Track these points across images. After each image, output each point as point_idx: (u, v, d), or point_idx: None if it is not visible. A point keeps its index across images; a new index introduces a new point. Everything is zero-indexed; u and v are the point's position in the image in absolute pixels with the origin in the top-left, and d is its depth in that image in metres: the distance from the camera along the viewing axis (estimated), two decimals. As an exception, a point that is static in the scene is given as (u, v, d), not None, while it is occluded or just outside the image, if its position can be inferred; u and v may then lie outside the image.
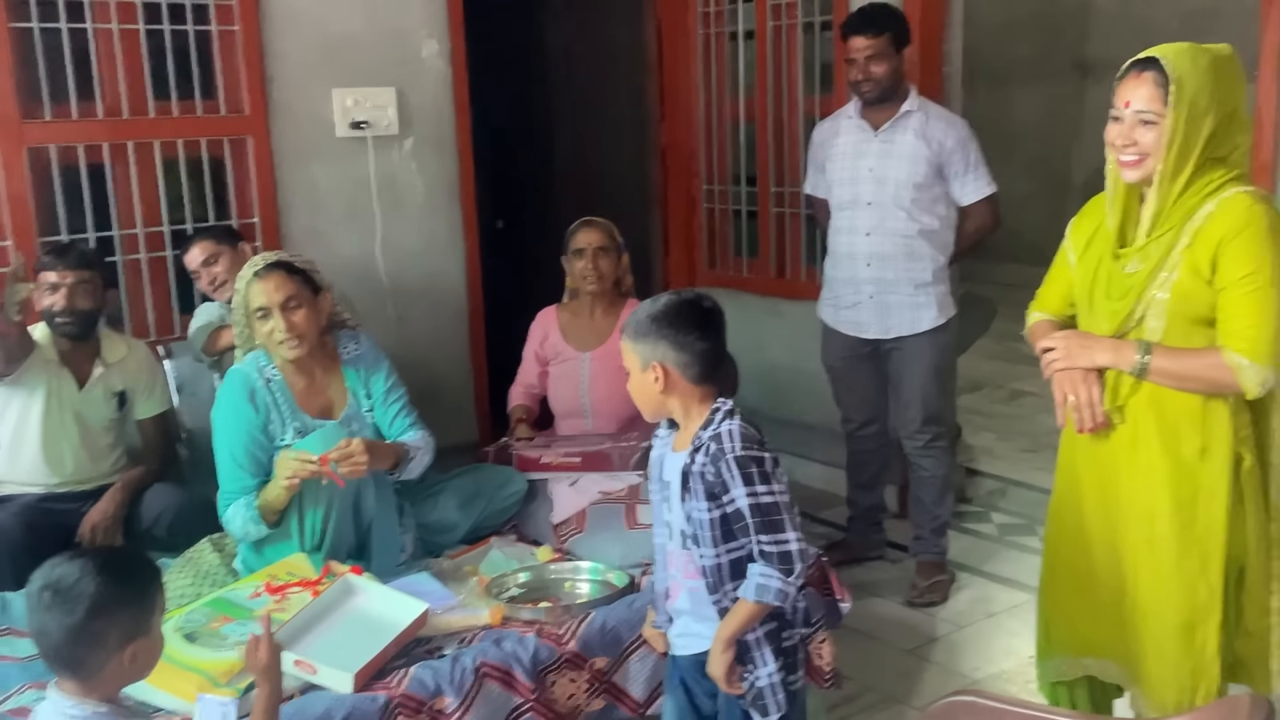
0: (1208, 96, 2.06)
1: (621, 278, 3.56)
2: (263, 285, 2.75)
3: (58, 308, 3.15)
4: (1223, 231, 2.07)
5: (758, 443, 2.05)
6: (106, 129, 3.73)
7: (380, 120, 4.17)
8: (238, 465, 2.73)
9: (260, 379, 2.80)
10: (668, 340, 2.07)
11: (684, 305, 2.11)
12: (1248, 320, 2.06)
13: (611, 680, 2.50)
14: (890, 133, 3.57)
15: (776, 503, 2.02)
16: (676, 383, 2.09)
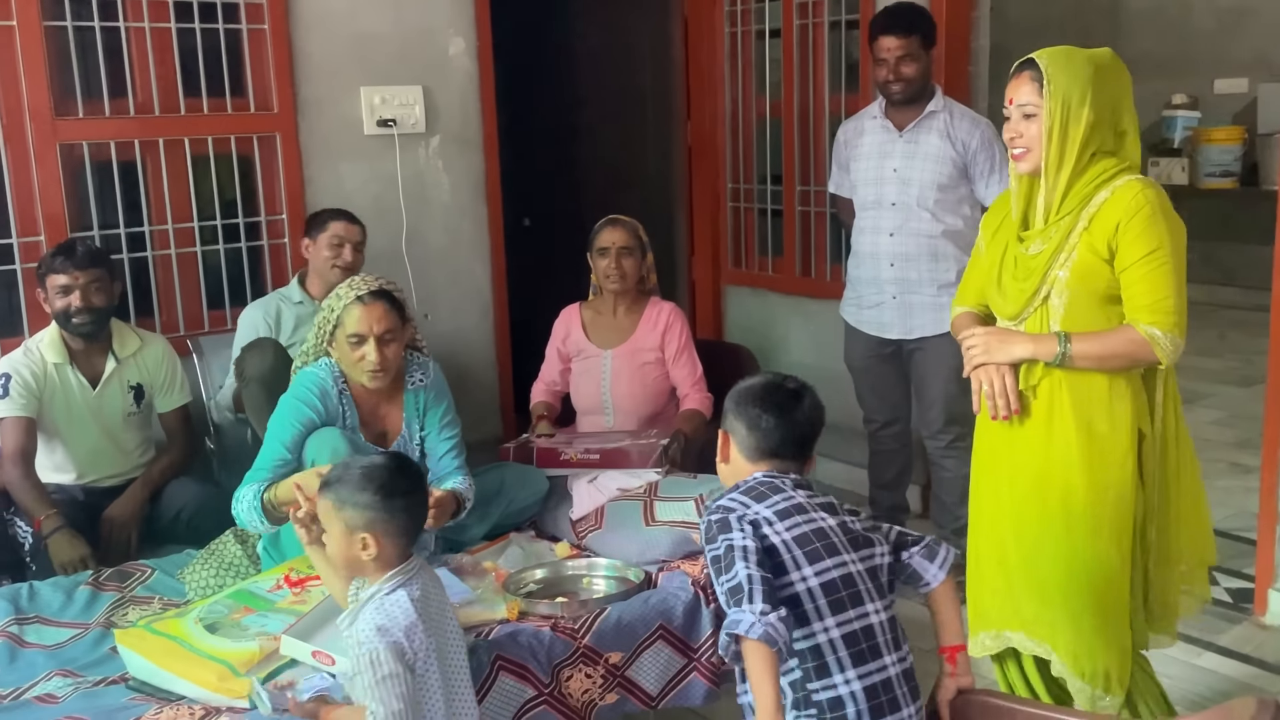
0: (1080, 91, 2.25)
1: (645, 276, 3.57)
2: (365, 313, 2.73)
3: (74, 308, 3.19)
4: (1118, 216, 2.23)
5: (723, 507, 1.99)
6: (138, 126, 3.78)
7: (407, 118, 4.20)
8: (282, 445, 2.71)
9: (334, 387, 2.82)
10: (733, 414, 2.10)
11: (763, 384, 2.12)
12: (1154, 294, 2.23)
13: (625, 675, 2.51)
14: (915, 133, 3.56)
15: (725, 552, 1.92)
16: (730, 455, 2.11)
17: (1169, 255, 2.22)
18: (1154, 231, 2.22)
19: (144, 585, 2.82)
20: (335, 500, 1.99)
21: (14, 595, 2.71)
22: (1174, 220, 2.26)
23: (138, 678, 2.31)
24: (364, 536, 1.97)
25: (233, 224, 3.99)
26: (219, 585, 2.72)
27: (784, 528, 1.97)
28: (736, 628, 1.81)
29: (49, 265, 3.21)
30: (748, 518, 1.96)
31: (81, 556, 2.97)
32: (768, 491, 2.03)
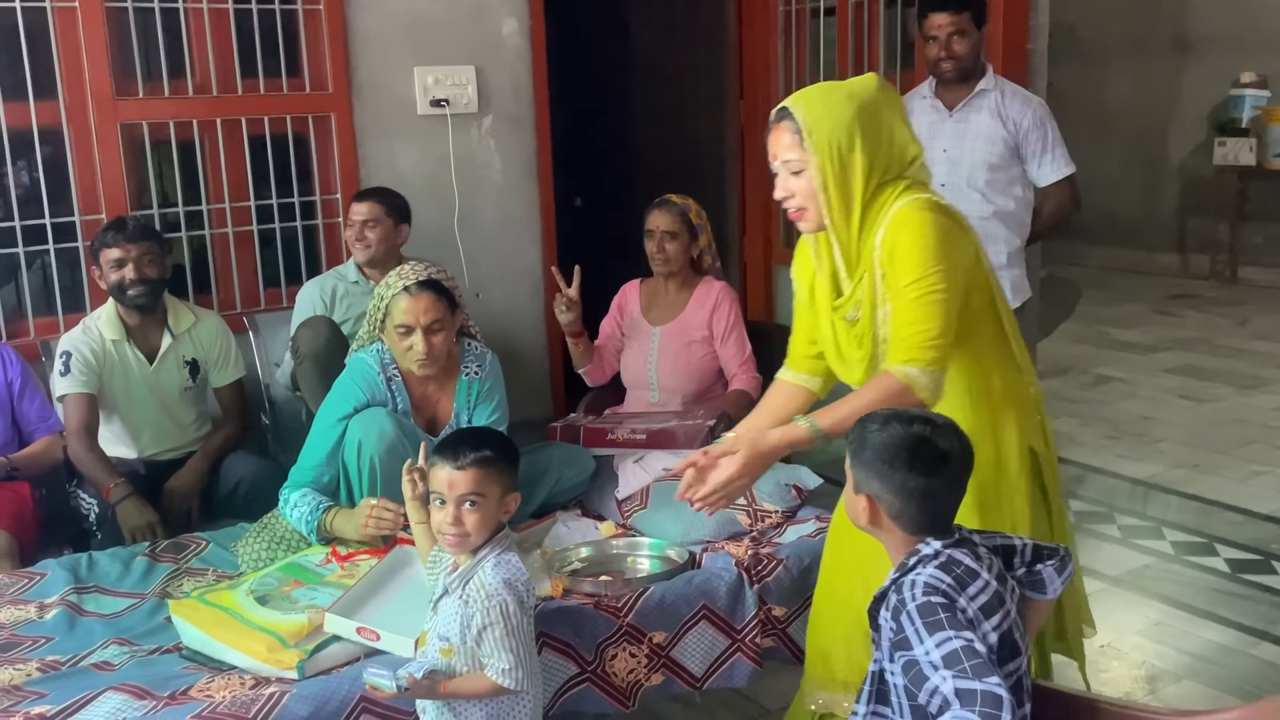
0: (847, 135, 2.05)
1: (699, 257, 3.55)
2: (411, 304, 2.75)
3: (129, 280, 3.26)
4: (888, 249, 2.05)
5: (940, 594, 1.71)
6: (196, 106, 3.84)
7: (460, 98, 4.23)
8: (326, 443, 2.77)
9: (382, 376, 2.85)
10: (881, 480, 1.78)
11: (911, 442, 1.77)
12: (910, 328, 2.03)
13: (670, 655, 2.52)
14: (965, 112, 3.51)
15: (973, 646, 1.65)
16: (885, 524, 1.82)
17: (935, 281, 2.00)
18: (917, 258, 2.01)
19: (199, 557, 2.89)
20: (494, 468, 2.06)
21: (74, 565, 2.78)
22: (941, 235, 2.03)
23: (191, 647, 2.37)
24: (510, 499, 2.10)
25: (288, 203, 4.05)
26: (270, 558, 2.77)
27: (990, 627, 1.74)
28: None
29: (101, 240, 3.29)
30: (967, 613, 1.71)
31: (149, 522, 3.07)
32: (965, 575, 1.76)
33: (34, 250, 3.67)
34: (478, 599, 2.00)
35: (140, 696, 2.14)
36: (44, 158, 3.65)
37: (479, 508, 2.04)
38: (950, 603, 1.69)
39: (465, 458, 2.04)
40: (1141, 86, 8.54)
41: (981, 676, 1.62)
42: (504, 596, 1.99)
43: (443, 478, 2.05)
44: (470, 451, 2.05)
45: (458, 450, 2.06)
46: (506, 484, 2.08)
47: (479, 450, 2.05)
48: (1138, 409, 5.49)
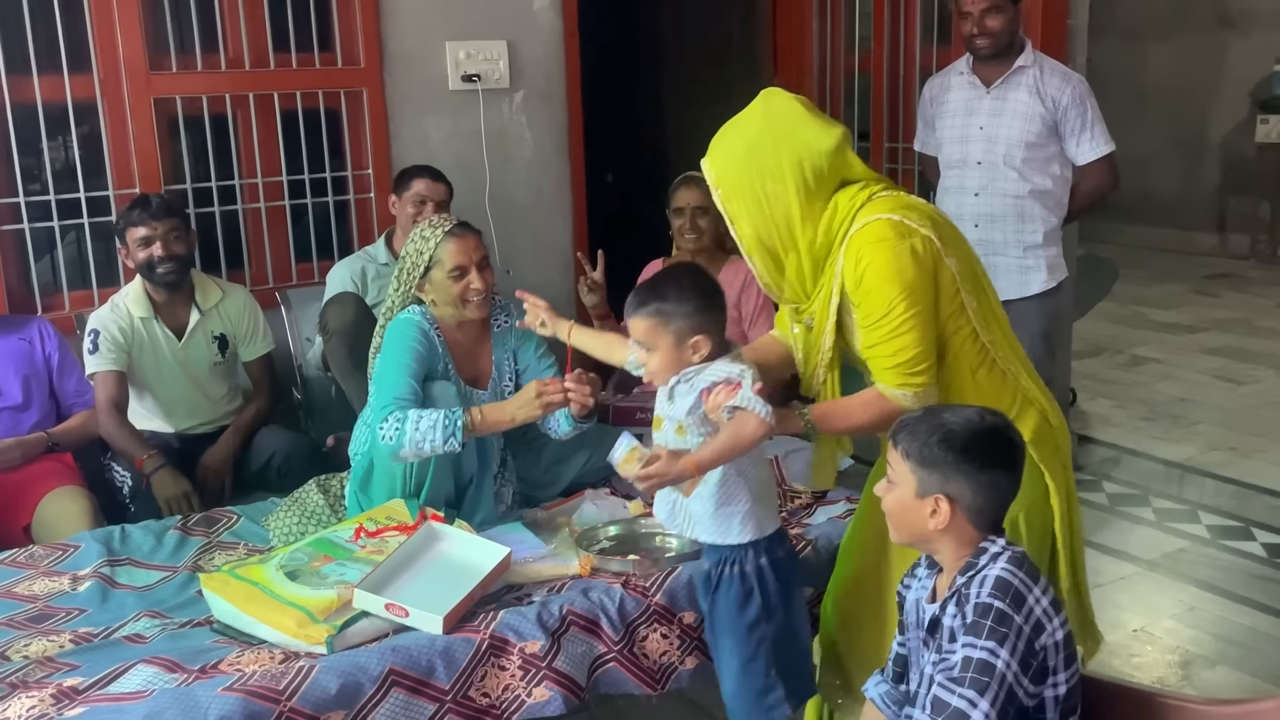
0: (756, 169, 2.07)
1: (725, 234, 3.52)
2: (462, 244, 2.81)
3: (157, 257, 3.27)
4: (851, 283, 2.07)
5: (1011, 595, 1.69)
6: (229, 81, 3.85)
7: (491, 73, 4.21)
8: (409, 376, 2.72)
9: (431, 332, 2.84)
10: (967, 477, 1.74)
11: (993, 434, 1.77)
12: (893, 359, 2.06)
13: (703, 637, 2.50)
14: (1003, 89, 3.46)
15: (992, 664, 1.64)
16: (958, 524, 1.77)
17: (900, 311, 2.03)
18: (880, 290, 2.04)
19: (230, 531, 2.91)
20: (661, 318, 2.14)
21: (107, 538, 2.81)
22: (901, 262, 2.03)
23: (221, 621, 2.38)
24: (696, 340, 2.13)
25: (320, 178, 4.05)
26: (301, 533, 2.79)
27: (1059, 624, 1.73)
28: None
29: (126, 220, 3.29)
30: (1034, 614, 1.70)
31: (185, 491, 3.12)
32: (1035, 571, 1.75)
33: (69, 224, 3.70)
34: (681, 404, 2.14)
35: (172, 669, 2.16)
36: (78, 132, 3.67)
37: (654, 354, 2.17)
38: (1011, 614, 1.67)
39: (633, 308, 2.20)
40: (1183, 63, 8.39)
41: (964, 688, 1.63)
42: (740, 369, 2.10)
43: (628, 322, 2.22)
44: (637, 304, 2.19)
45: (633, 299, 2.21)
46: (682, 330, 2.13)
47: (645, 304, 2.17)
48: (1174, 390, 5.43)
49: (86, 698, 2.07)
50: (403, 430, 2.60)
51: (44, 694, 2.07)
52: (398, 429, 2.61)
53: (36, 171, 3.68)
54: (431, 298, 2.84)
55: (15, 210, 3.59)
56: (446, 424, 2.61)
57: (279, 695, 2.06)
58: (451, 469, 2.77)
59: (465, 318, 2.85)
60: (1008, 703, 1.64)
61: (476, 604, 2.38)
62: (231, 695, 2.03)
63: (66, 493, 3.07)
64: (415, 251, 2.84)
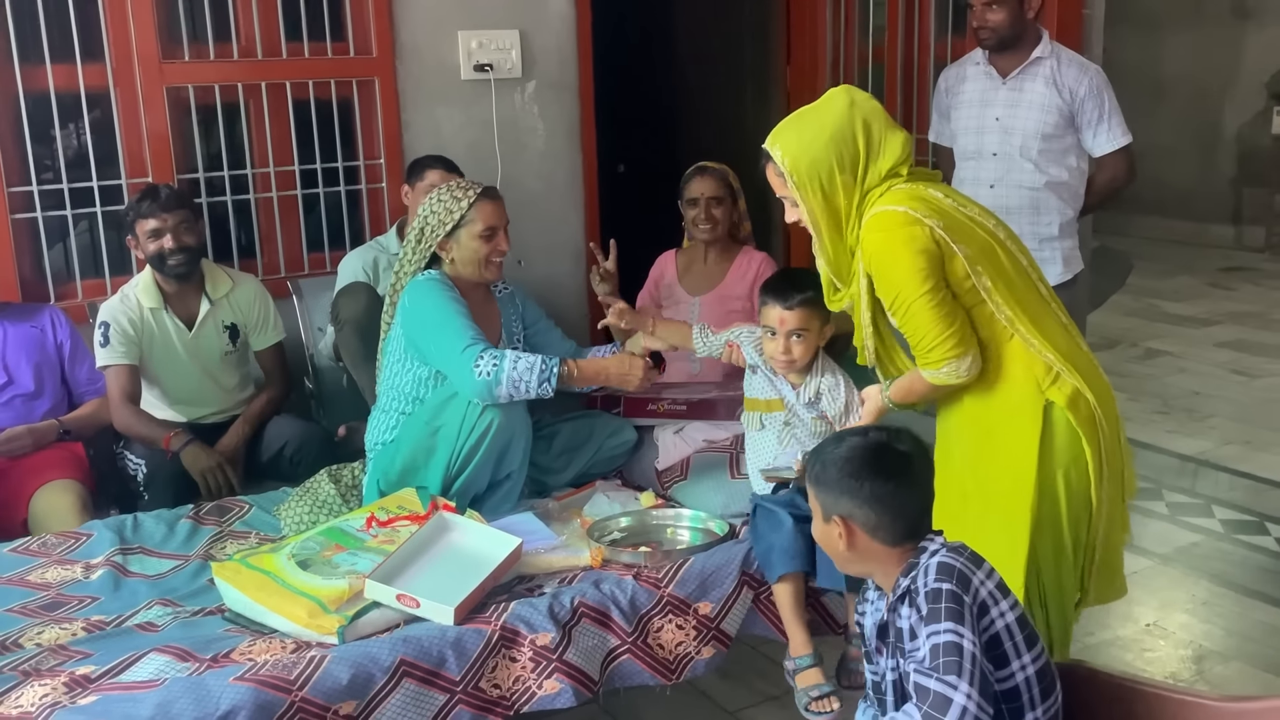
0: (828, 165, 2.20)
1: (738, 224, 3.52)
2: (495, 207, 2.91)
3: (168, 249, 3.26)
4: (868, 267, 2.22)
5: (956, 576, 1.70)
6: (241, 70, 3.84)
7: (504, 63, 4.19)
8: (470, 320, 2.77)
9: (453, 289, 2.87)
10: (850, 495, 1.78)
11: (872, 450, 1.80)
12: (914, 340, 2.20)
13: (719, 627, 2.50)
14: (1019, 80, 3.43)
15: (958, 644, 1.64)
16: (864, 544, 1.80)
17: (909, 296, 2.15)
18: (886, 282, 2.18)
19: (242, 520, 2.92)
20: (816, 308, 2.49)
21: (119, 526, 2.82)
22: (899, 248, 2.14)
23: (233, 609, 2.39)
24: (827, 327, 2.54)
25: (332, 168, 4.04)
26: (312, 522, 2.79)
27: (1008, 606, 1.74)
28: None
29: (136, 211, 3.28)
30: (980, 595, 1.70)
31: (217, 462, 3.15)
32: (977, 557, 1.77)
33: (81, 213, 3.70)
34: (832, 397, 2.57)
35: (183, 658, 2.16)
36: (91, 120, 3.67)
37: (804, 339, 2.54)
38: (960, 592, 1.68)
39: (793, 299, 2.52)
40: (1199, 54, 8.33)
41: (943, 674, 1.62)
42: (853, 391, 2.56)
43: (774, 315, 2.54)
44: (796, 294, 2.51)
45: (786, 293, 2.54)
46: (824, 316, 2.52)
47: (803, 292, 2.50)
48: (1188, 383, 5.40)
49: (99, 686, 2.08)
50: (500, 367, 2.64)
51: (56, 682, 2.08)
52: (495, 365, 2.64)
53: (49, 160, 3.68)
54: (452, 256, 2.88)
55: (28, 198, 3.59)
56: (544, 369, 2.68)
57: (290, 685, 2.06)
58: (496, 462, 2.76)
59: (483, 279, 2.92)
60: (984, 683, 1.64)
61: (488, 595, 2.39)
62: (243, 685, 2.04)
63: (59, 487, 3.05)
64: (444, 210, 2.86)
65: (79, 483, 3.09)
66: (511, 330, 3.03)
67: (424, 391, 2.85)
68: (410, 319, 2.82)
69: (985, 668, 1.66)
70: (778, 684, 2.98)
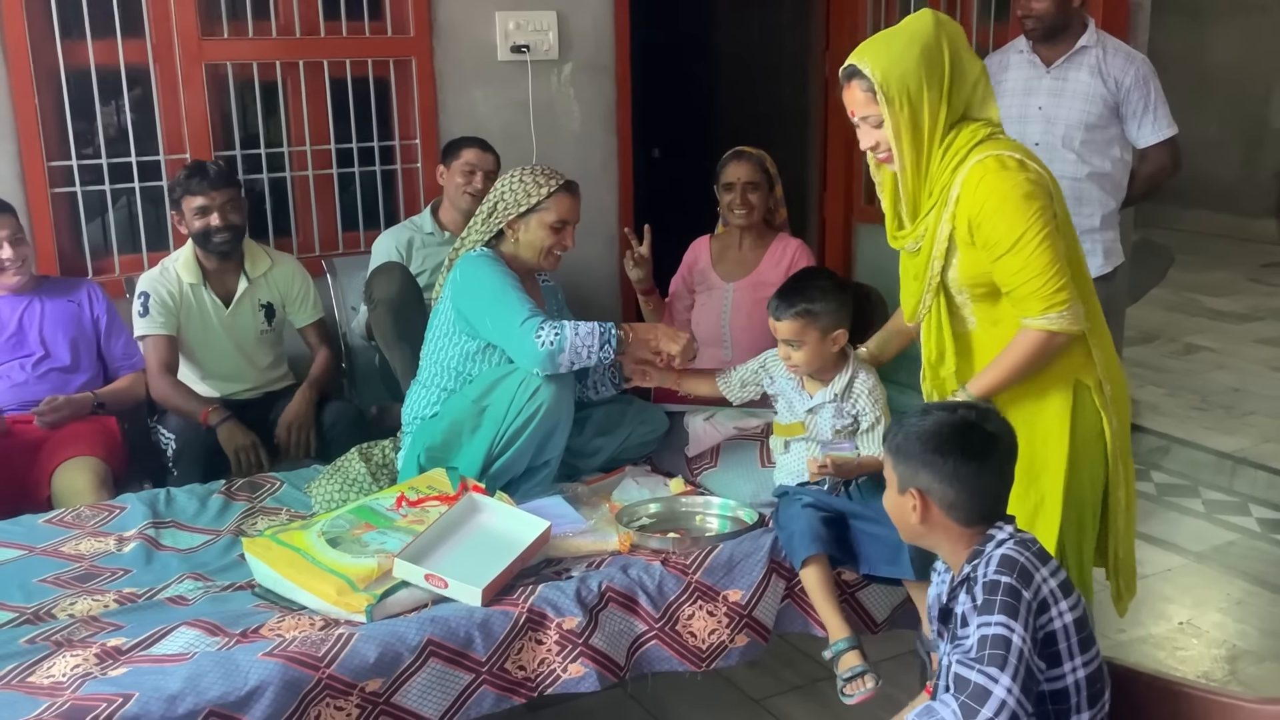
0: (915, 80, 2.13)
1: (774, 210, 3.49)
2: (572, 202, 2.90)
3: (214, 227, 3.28)
4: (970, 211, 2.13)
5: (1018, 571, 1.68)
6: (280, 48, 3.85)
7: (540, 44, 4.18)
8: (527, 298, 2.78)
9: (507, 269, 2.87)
10: (931, 469, 1.77)
11: (960, 428, 1.77)
12: (1035, 281, 2.11)
13: (752, 615, 2.49)
14: (1063, 69, 3.37)
15: (1007, 638, 1.62)
16: (938, 519, 1.79)
17: (1034, 233, 2.09)
18: (1008, 219, 2.10)
19: (273, 497, 2.93)
20: (809, 317, 2.53)
21: (152, 500, 2.84)
22: (1026, 189, 2.10)
23: (263, 585, 2.40)
24: (836, 334, 2.54)
25: (367, 147, 4.05)
26: (342, 500, 2.80)
27: (1067, 607, 1.71)
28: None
29: (185, 188, 3.29)
30: (1041, 592, 1.69)
31: (252, 442, 3.18)
32: (1043, 553, 1.74)
33: (120, 188, 3.72)
34: (866, 402, 2.57)
35: (213, 632, 2.18)
36: (130, 96, 3.69)
37: (801, 349, 2.56)
38: (1020, 587, 1.67)
39: (782, 312, 2.56)
40: (1246, 45, 8.19)
41: (984, 665, 1.61)
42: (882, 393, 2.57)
43: (771, 323, 2.59)
44: (786, 307, 2.55)
45: (778, 303, 2.58)
46: (824, 325, 2.53)
47: (794, 306, 2.53)
48: (1227, 380, 5.32)
49: (130, 658, 2.10)
50: (563, 336, 2.67)
51: (88, 653, 2.10)
52: (557, 334, 2.67)
53: (89, 136, 3.71)
54: (517, 237, 2.88)
55: (68, 173, 3.62)
56: (603, 333, 2.70)
57: (318, 662, 2.07)
58: (538, 447, 2.76)
59: (539, 268, 2.94)
60: (1029, 679, 1.62)
61: (515, 577, 2.39)
62: (271, 660, 2.05)
63: (77, 465, 3.04)
64: (522, 191, 2.86)
65: (101, 460, 3.06)
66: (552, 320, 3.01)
67: (470, 366, 2.85)
68: (463, 292, 2.82)
69: (1034, 666, 1.65)
70: (804, 673, 2.98)
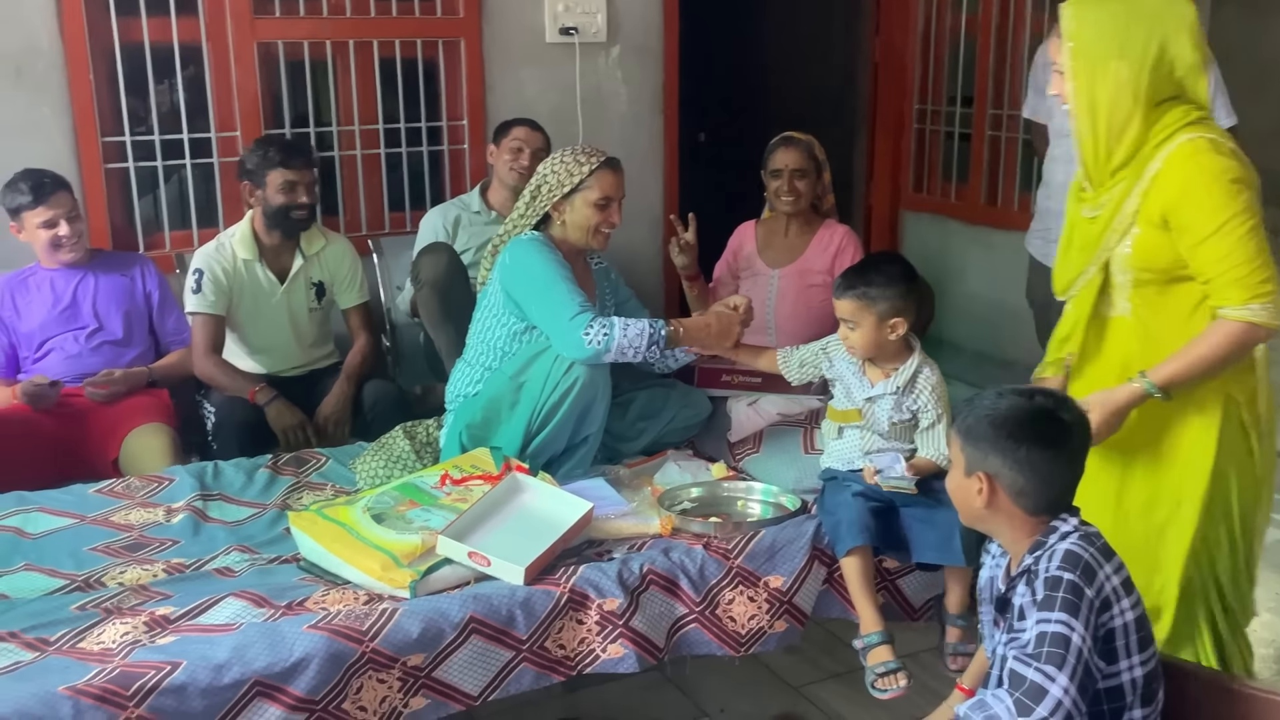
0: (1106, 45, 2.03)
1: (821, 196, 3.47)
2: (617, 178, 2.89)
3: (300, 202, 3.32)
4: (1173, 191, 2.02)
5: (1081, 568, 1.66)
6: (330, 27, 3.87)
7: (589, 26, 4.17)
8: (576, 284, 2.79)
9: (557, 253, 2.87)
10: (1003, 454, 1.73)
11: (1036, 414, 1.74)
12: (1242, 268, 1.99)
13: (792, 601, 2.48)
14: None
15: (1067, 637, 1.61)
16: (1003, 505, 1.76)
17: (1244, 219, 1.98)
18: (1216, 203, 1.99)
19: (318, 472, 2.96)
20: (867, 299, 2.48)
21: (200, 472, 2.88)
22: (1237, 174, 2.00)
23: (308, 559, 2.42)
24: (893, 321, 2.48)
25: (415, 128, 4.06)
26: (386, 477, 2.82)
27: (1129, 604, 1.69)
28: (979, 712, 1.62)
29: (272, 160, 3.30)
30: (1104, 590, 1.67)
31: (300, 421, 3.23)
32: (1107, 549, 1.71)
33: (172, 164, 3.76)
34: (928, 399, 2.50)
35: (259, 604, 2.20)
36: (183, 74, 3.72)
37: (855, 330, 2.52)
38: (1083, 585, 1.64)
39: (840, 290, 2.54)
40: (1307, 35, 8.01)
41: (1041, 663, 1.59)
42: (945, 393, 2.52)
43: (834, 301, 2.56)
44: (844, 286, 2.53)
45: (840, 281, 2.56)
46: (884, 311, 2.48)
47: (853, 288, 2.51)
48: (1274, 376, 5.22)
49: (178, 627, 2.13)
50: (611, 335, 2.67)
51: (137, 621, 2.13)
52: (606, 334, 2.67)
53: (143, 113, 3.75)
54: (564, 219, 2.87)
55: (121, 149, 3.66)
56: (652, 333, 2.70)
57: (362, 636, 2.09)
58: (576, 423, 2.77)
59: (588, 247, 2.92)
60: (1086, 678, 1.60)
61: (557, 557, 2.39)
62: (316, 633, 2.07)
63: (150, 430, 3.14)
64: (565, 172, 2.86)
65: (170, 427, 3.16)
66: (605, 304, 3.01)
67: (515, 346, 2.86)
68: (512, 278, 2.83)
69: (1093, 665, 1.63)
70: (842, 661, 2.97)
